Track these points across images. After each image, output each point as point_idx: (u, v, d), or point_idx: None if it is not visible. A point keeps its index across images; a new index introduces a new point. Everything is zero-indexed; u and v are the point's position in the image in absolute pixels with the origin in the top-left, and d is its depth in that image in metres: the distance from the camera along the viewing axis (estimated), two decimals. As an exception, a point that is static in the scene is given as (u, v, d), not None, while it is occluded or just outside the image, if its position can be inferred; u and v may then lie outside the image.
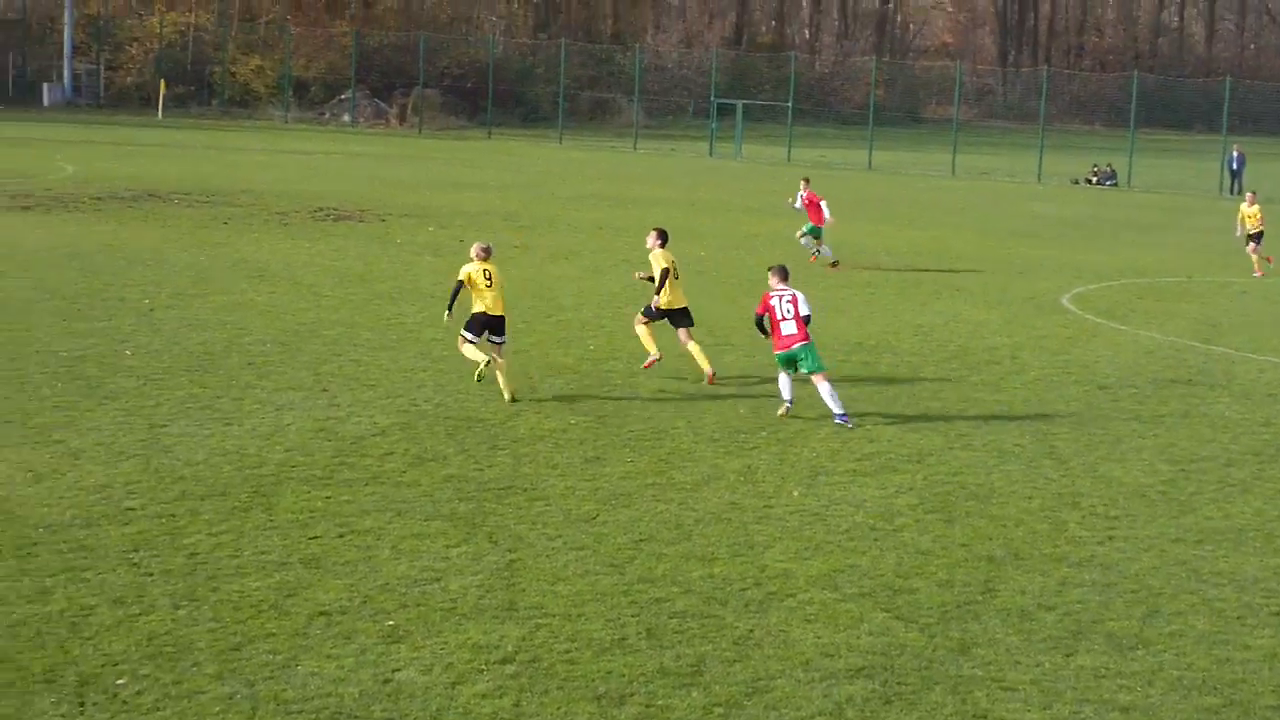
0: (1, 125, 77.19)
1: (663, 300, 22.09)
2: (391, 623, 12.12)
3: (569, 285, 30.74)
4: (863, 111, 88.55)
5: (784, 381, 20.00)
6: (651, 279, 22.41)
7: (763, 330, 20.28)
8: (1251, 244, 37.90)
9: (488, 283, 20.63)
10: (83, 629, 11.60)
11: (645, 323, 22.25)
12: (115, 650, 11.25)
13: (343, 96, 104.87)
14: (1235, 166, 68.73)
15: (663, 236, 22.52)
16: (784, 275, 20.32)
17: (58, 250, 31.89)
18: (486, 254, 20.89)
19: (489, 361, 20.41)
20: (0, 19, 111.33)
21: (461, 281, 20.66)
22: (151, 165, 56.79)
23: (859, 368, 23.52)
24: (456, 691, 10.94)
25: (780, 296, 19.98)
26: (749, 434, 18.92)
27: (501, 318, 20.76)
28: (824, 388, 19.61)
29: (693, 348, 22.01)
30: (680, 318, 22.24)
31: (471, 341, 20.69)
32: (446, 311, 21.01)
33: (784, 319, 19.80)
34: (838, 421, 19.46)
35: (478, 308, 20.66)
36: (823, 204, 35.68)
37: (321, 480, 16.01)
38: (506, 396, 20.17)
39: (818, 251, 36.07)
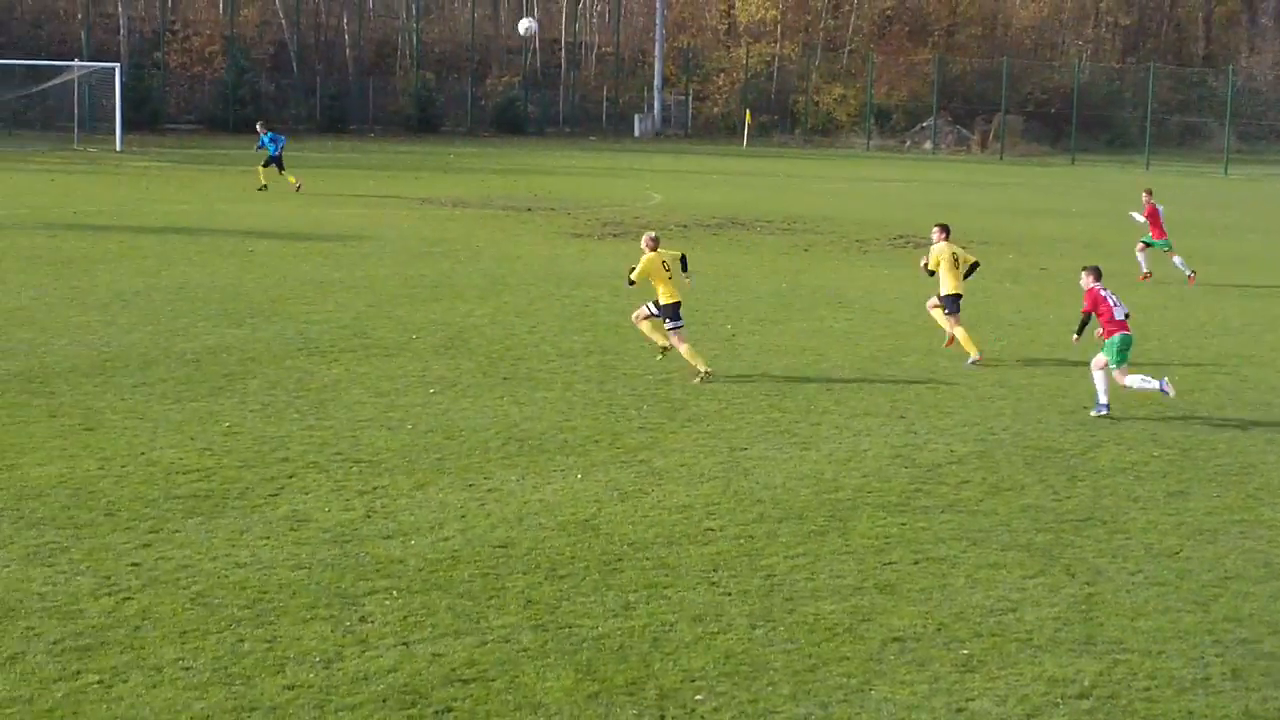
0: (596, 155, 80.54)
1: (944, 289, 24.40)
2: (966, 651, 11.97)
3: (1154, 314, 29.80)
4: None
5: (1103, 381, 20.56)
6: (932, 273, 24.73)
7: (1081, 329, 21.21)
8: None
9: (668, 272, 22.03)
10: (663, 644, 11.88)
11: (937, 305, 24.85)
12: (694, 666, 11.47)
13: (924, 124, 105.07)
14: None
15: (945, 230, 24.99)
16: (1098, 274, 21.12)
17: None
18: (656, 243, 22.35)
19: (666, 349, 22.57)
20: (598, 53, 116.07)
21: (640, 278, 22.13)
22: (735, 193, 58.15)
23: None
24: (1031, 726, 10.72)
25: (1108, 291, 20.90)
26: (1347, 471, 17.92)
27: (680, 303, 22.13)
28: (1134, 379, 20.59)
29: (959, 332, 24.30)
30: (952, 303, 24.36)
31: (652, 317, 22.38)
32: (629, 282, 22.55)
33: (1116, 305, 20.71)
34: (1165, 390, 20.34)
35: (665, 297, 21.95)
36: (1160, 210, 35.38)
37: (897, 506, 15.98)
38: (702, 370, 21.89)
39: (1178, 264, 35.39)
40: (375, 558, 13.63)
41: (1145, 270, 35.46)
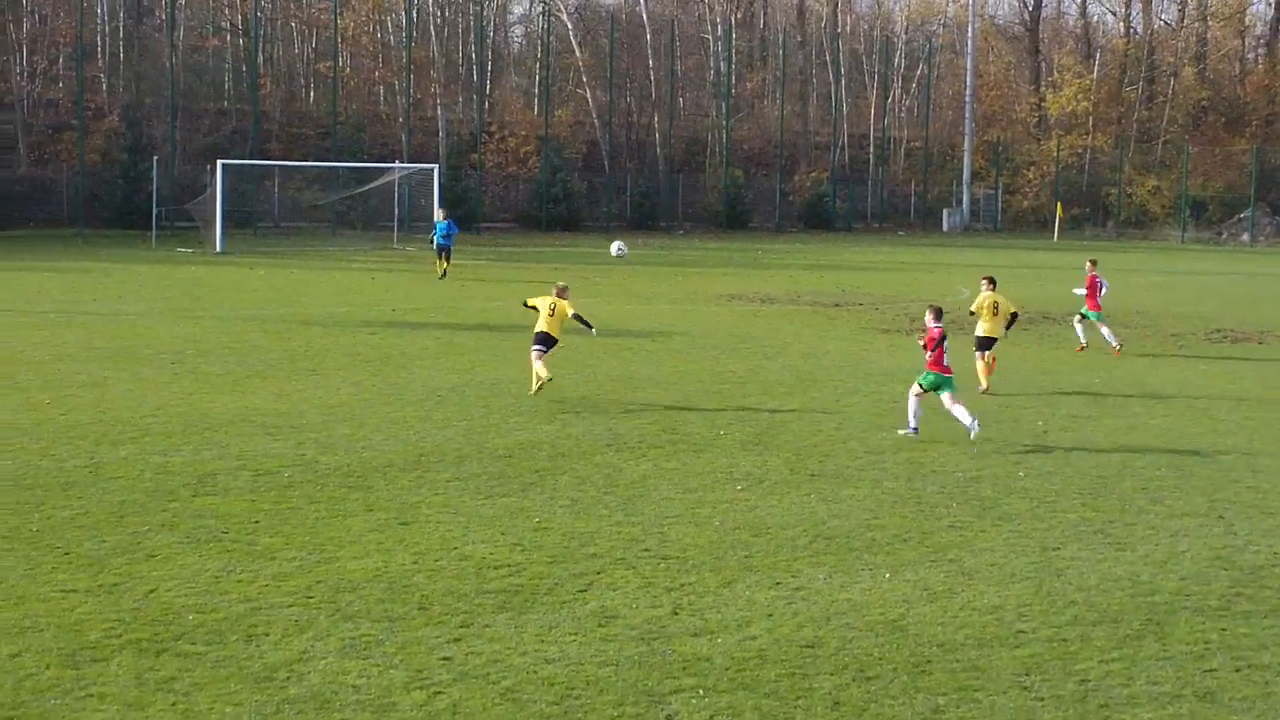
0: (904, 250, 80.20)
1: (981, 330, 30.17)
2: (1292, 766, 11.50)
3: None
4: None
5: (917, 407, 24.54)
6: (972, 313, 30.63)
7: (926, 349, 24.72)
8: None
9: (550, 312, 27.84)
10: (973, 750, 11.64)
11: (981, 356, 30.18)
12: (1005, 774, 11.22)
13: (1241, 215, 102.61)
14: None
15: (992, 282, 30.44)
16: (940, 315, 25.02)
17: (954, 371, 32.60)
18: (558, 291, 28.38)
19: (546, 379, 27.71)
20: (907, 148, 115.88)
21: (533, 305, 28.43)
22: (1045, 287, 57.35)
23: None
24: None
25: (943, 332, 24.66)
26: None
27: (551, 337, 27.92)
28: (959, 408, 24.29)
29: (980, 365, 29.96)
30: (984, 344, 30.08)
31: (537, 356, 27.87)
32: (523, 303, 29.03)
33: (946, 351, 24.61)
34: (974, 431, 24.00)
35: (539, 327, 27.92)
36: (1101, 283, 37.67)
37: (1217, 611, 15.46)
38: (533, 388, 27.99)
39: (1097, 335, 37.08)
40: (682, 655, 13.63)
41: (1082, 342, 37.28)
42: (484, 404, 27.05)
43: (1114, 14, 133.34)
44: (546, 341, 27.83)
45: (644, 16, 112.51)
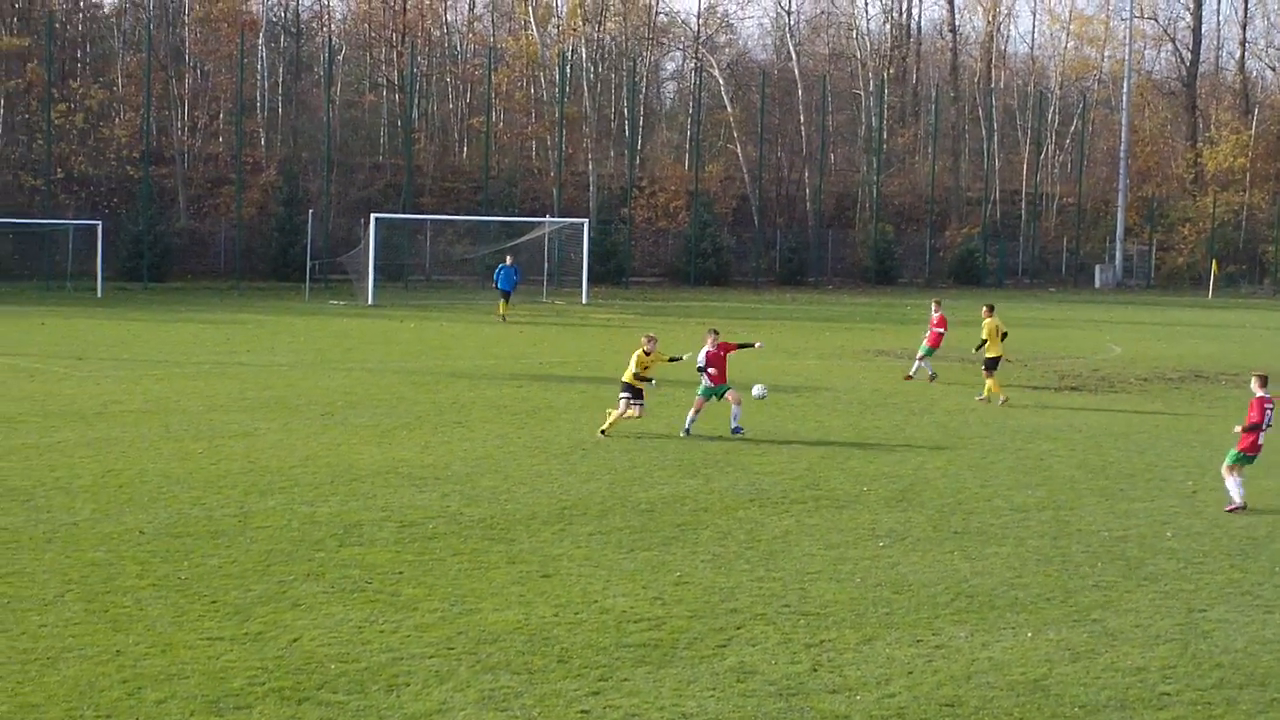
0: (1054, 307, 79.47)
1: (988, 352, 37.30)
2: None
3: None
4: None
5: (693, 415, 30.29)
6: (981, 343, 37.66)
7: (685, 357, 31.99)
8: None
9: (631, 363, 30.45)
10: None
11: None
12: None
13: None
14: None
15: (990, 309, 38.23)
16: (716, 334, 30.50)
17: (1103, 430, 32.27)
18: (648, 341, 30.67)
19: (621, 417, 30.18)
20: (1059, 204, 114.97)
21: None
22: (1199, 345, 56.59)
23: None
24: None
25: (722, 349, 30.30)
26: None
27: (625, 383, 30.34)
28: (693, 412, 30.34)
29: (990, 383, 36.95)
30: (992, 365, 37.16)
31: (623, 399, 30.31)
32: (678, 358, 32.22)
33: (726, 365, 30.42)
34: (684, 433, 29.93)
35: (626, 378, 30.45)
36: (944, 330, 42.20)
37: (1368, 677, 15.16)
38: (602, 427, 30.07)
39: (919, 368, 41.96)
40: (820, 712, 13.58)
41: (930, 373, 41.72)
42: (628, 458, 27.15)
43: (1273, 69, 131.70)
44: (631, 392, 30.40)
45: (796, 72, 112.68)
